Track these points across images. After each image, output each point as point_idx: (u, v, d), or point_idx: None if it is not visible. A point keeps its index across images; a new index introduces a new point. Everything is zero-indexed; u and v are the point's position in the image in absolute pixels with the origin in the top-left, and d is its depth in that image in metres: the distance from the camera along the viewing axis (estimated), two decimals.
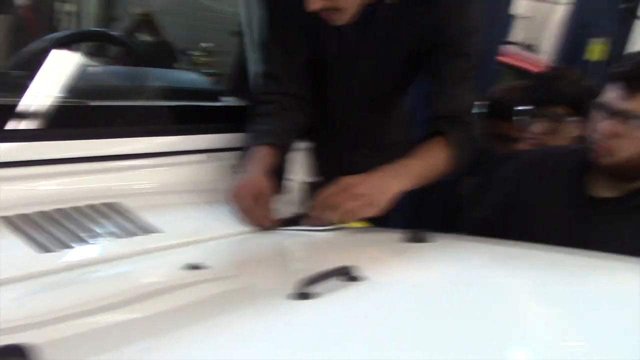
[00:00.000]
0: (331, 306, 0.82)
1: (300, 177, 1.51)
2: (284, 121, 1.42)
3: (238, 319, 0.77)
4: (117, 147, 1.27)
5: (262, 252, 1.17)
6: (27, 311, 0.82)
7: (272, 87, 1.45)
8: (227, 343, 0.71)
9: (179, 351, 0.69)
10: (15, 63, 1.37)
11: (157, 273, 1.00)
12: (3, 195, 1.07)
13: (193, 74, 1.61)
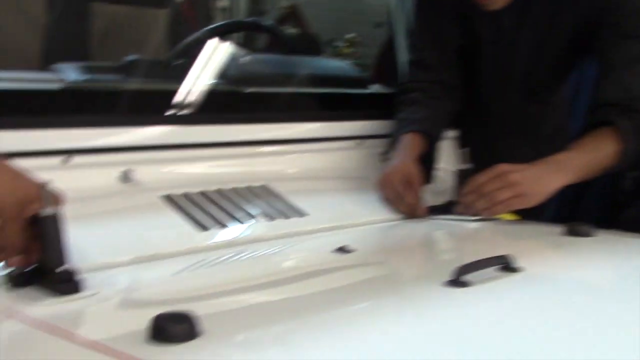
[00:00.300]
0: (489, 295, 0.78)
1: (449, 166, 1.47)
2: (433, 109, 1.39)
3: (392, 304, 0.76)
4: (268, 133, 1.30)
5: (411, 239, 1.16)
6: (188, 284, 0.86)
7: (421, 74, 1.43)
8: (381, 328, 0.70)
9: (331, 334, 0.69)
10: (175, 53, 1.44)
11: (309, 255, 1.01)
12: (166, 176, 1.14)
13: (341, 62, 1.61)
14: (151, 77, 1.25)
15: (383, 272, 0.97)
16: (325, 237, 1.11)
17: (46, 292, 0.76)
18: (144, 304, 0.78)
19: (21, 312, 0.71)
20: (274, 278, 0.86)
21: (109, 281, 0.83)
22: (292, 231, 1.11)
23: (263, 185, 1.21)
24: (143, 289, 0.83)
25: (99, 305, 0.75)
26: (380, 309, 0.76)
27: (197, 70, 1.31)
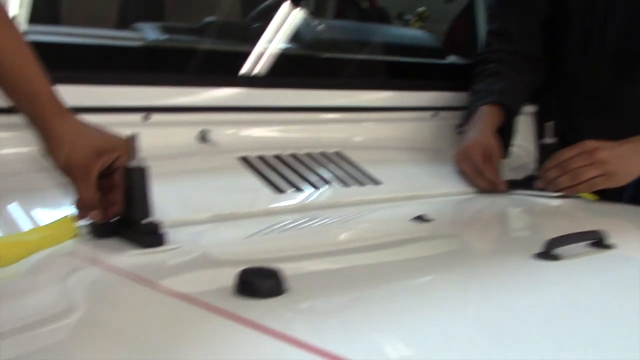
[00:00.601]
0: (582, 270, 0.74)
1: (525, 142, 1.43)
2: (513, 81, 1.33)
3: (480, 274, 0.73)
4: (343, 99, 1.28)
5: (490, 212, 1.12)
6: (269, 245, 0.85)
7: (502, 45, 1.38)
8: (468, 298, 0.67)
9: (416, 303, 0.66)
10: (252, 16, 1.43)
11: (388, 223, 0.99)
12: (242, 138, 1.13)
13: (418, 31, 1.58)
14: (228, 39, 1.24)
15: (466, 243, 0.93)
16: (401, 206, 1.09)
17: (129, 244, 0.76)
18: (227, 260, 0.77)
19: (107, 261, 0.71)
20: (355, 244, 0.85)
21: (189, 237, 0.83)
22: (367, 199, 1.09)
23: (337, 152, 1.19)
24: (225, 246, 0.82)
25: (183, 259, 0.75)
26: (467, 279, 0.73)
27: (275, 34, 1.30)
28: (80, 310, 0.63)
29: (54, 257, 0.75)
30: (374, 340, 0.53)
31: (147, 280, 0.65)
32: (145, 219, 0.75)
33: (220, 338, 0.54)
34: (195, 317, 0.57)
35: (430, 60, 1.47)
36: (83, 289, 0.68)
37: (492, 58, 1.38)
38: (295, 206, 1.01)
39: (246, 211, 0.95)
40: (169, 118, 1.07)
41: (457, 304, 0.64)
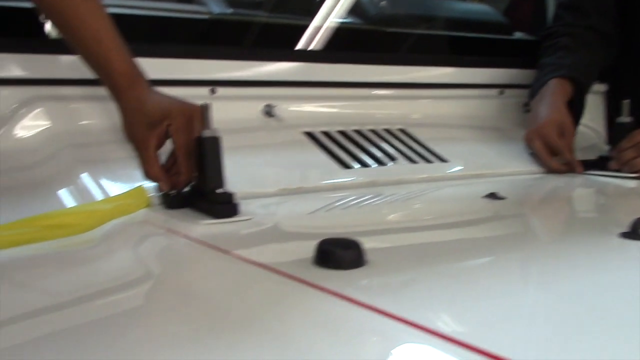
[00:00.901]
0: None
1: (593, 122, 1.38)
2: (585, 56, 1.28)
3: (565, 252, 0.70)
4: (407, 75, 1.26)
5: (564, 192, 1.08)
6: (342, 218, 0.84)
7: (574, 19, 1.32)
8: (556, 273, 0.65)
9: (499, 281, 0.64)
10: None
11: (461, 199, 0.97)
12: (306, 113, 1.12)
13: (484, 6, 1.53)
14: (293, 13, 1.22)
15: (545, 221, 0.90)
16: (469, 184, 1.06)
17: (202, 214, 0.76)
18: (301, 232, 0.76)
19: (182, 229, 0.71)
20: (429, 220, 0.83)
21: (259, 209, 0.82)
22: (434, 176, 1.07)
23: (401, 129, 1.17)
24: (296, 219, 0.81)
25: (257, 229, 0.74)
26: (552, 256, 0.70)
27: (340, 8, 1.27)
28: (158, 276, 0.63)
29: (129, 225, 0.75)
30: (461, 314, 0.52)
31: (224, 249, 0.65)
32: (219, 189, 0.75)
33: (306, 307, 0.52)
34: (278, 286, 0.56)
35: (496, 36, 1.42)
36: (160, 255, 0.68)
37: (562, 32, 1.32)
38: (362, 182, 0.99)
39: (313, 185, 0.94)
40: (234, 92, 1.06)
41: (545, 280, 0.62)
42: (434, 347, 0.44)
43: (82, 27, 0.80)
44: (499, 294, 0.57)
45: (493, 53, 1.37)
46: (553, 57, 1.28)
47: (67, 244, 0.70)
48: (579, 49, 1.28)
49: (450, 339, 0.44)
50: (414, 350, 0.45)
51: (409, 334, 0.46)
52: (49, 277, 0.64)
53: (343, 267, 0.59)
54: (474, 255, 0.68)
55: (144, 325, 0.53)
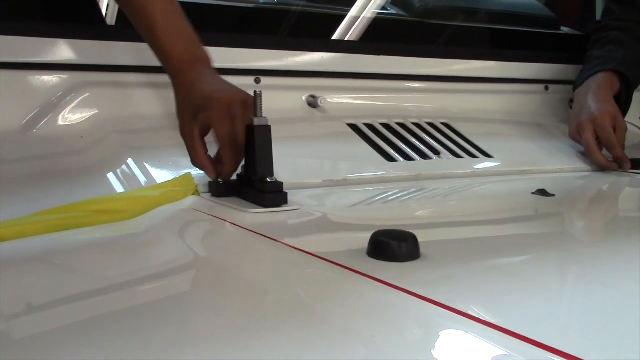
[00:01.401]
0: None
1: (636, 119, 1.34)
2: (636, 51, 1.24)
3: (624, 249, 0.68)
4: (451, 68, 1.24)
5: (614, 190, 1.06)
6: (392, 210, 0.83)
7: (626, 13, 1.28)
8: (619, 269, 0.63)
9: (558, 277, 0.62)
10: None
11: (508, 195, 0.95)
12: (350, 105, 1.11)
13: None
14: (339, 4, 1.21)
15: (596, 219, 0.88)
16: (515, 180, 1.04)
17: (249, 202, 0.75)
18: (351, 223, 0.75)
19: (231, 217, 0.70)
20: (479, 215, 0.81)
21: (306, 200, 0.80)
22: (478, 171, 1.05)
23: (445, 123, 1.15)
24: (345, 211, 0.80)
25: (306, 219, 0.73)
26: (602, 253, 0.68)
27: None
28: (208, 263, 0.62)
29: (176, 212, 0.74)
30: (514, 307, 0.50)
31: (275, 238, 0.64)
32: (269, 178, 0.74)
33: (362, 298, 0.51)
34: (333, 275, 0.55)
35: (543, 30, 1.39)
36: (209, 242, 0.68)
37: (612, 26, 1.28)
38: (406, 175, 0.97)
39: (358, 177, 0.93)
40: (278, 82, 1.06)
41: (594, 277, 0.60)
42: (487, 339, 0.43)
43: (142, 11, 0.80)
44: (552, 288, 0.56)
45: (539, 47, 1.34)
46: (602, 50, 1.25)
47: (114, 229, 0.70)
48: (630, 43, 1.24)
49: (503, 330, 0.43)
50: (468, 341, 0.44)
51: (464, 325, 0.45)
52: (98, 262, 0.64)
53: (398, 259, 0.57)
54: (527, 251, 0.67)
55: (195, 312, 0.52)
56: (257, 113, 0.74)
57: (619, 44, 1.24)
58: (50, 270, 0.63)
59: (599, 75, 1.20)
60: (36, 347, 0.46)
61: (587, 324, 0.47)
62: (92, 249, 0.67)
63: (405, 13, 1.25)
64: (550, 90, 1.31)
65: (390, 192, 0.89)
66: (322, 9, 1.17)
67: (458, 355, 0.43)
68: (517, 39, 1.34)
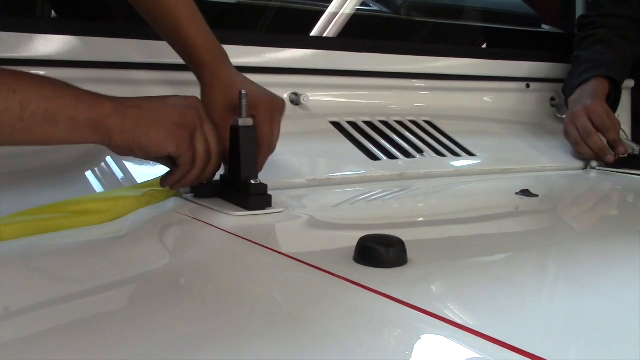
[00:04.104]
0: None
1: (622, 116, 1.35)
2: (624, 51, 1.25)
3: (612, 251, 0.68)
4: (434, 65, 1.23)
5: (598, 190, 1.06)
6: (373, 212, 0.82)
7: (616, 8, 1.28)
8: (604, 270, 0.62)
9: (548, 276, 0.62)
10: None
11: (494, 195, 0.95)
12: (333, 102, 1.10)
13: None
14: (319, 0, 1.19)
15: (582, 220, 0.88)
16: (498, 179, 1.04)
17: (232, 204, 0.74)
18: (336, 225, 0.74)
19: (214, 221, 0.69)
20: (464, 214, 0.81)
21: (290, 201, 0.79)
22: (462, 170, 1.05)
23: (428, 121, 1.14)
24: (329, 212, 0.79)
25: (292, 222, 0.72)
26: (594, 256, 0.67)
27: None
28: (190, 268, 0.61)
29: (157, 214, 0.73)
30: (505, 315, 0.50)
31: (259, 242, 0.63)
32: (253, 180, 0.72)
33: (349, 306, 0.50)
34: (318, 282, 0.54)
35: (523, 28, 1.39)
36: (191, 247, 0.66)
37: (601, 23, 1.28)
38: (390, 174, 0.97)
39: (342, 177, 0.92)
40: (260, 79, 1.03)
41: (588, 282, 0.59)
42: (477, 349, 0.43)
43: (162, 6, 0.79)
44: (540, 294, 0.56)
45: (520, 45, 1.35)
46: (591, 52, 1.25)
47: (94, 233, 0.68)
48: (617, 43, 1.24)
49: (492, 339, 0.43)
50: (458, 351, 0.44)
51: (453, 334, 0.44)
52: (77, 267, 0.62)
53: (386, 265, 0.57)
54: (514, 255, 0.67)
55: (174, 318, 0.51)
56: (242, 114, 0.73)
57: (607, 45, 1.25)
58: (28, 275, 0.61)
59: (590, 84, 1.20)
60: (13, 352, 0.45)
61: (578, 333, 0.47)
62: (72, 252, 0.66)
63: (387, 10, 1.24)
64: (531, 88, 1.31)
65: (375, 192, 0.89)
66: (304, 5, 1.16)
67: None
68: (498, 36, 1.34)
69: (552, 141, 1.22)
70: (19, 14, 0.92)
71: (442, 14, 1.30)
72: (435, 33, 1.28)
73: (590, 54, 1.25)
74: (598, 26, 1.28)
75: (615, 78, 1.21)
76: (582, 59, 1.25)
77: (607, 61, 1.22)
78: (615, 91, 1.23)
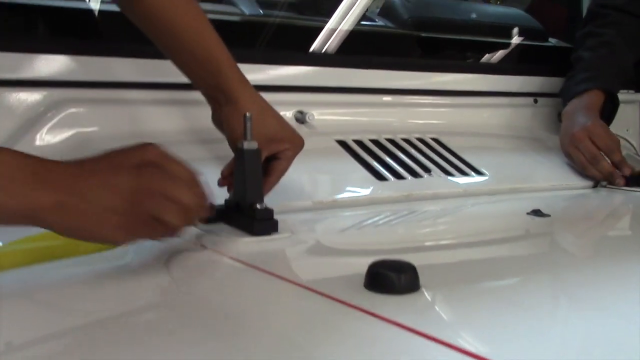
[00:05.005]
0: None
1: (632, 133, 1.33)
2: (627, 60, 1.23)
3: (624, 273, 0.66)
4: (440, 82, 1.21)
5: (611, 208, 1.04)
6: (382, 236, 0.80)
7: (631, 3, 1.25)
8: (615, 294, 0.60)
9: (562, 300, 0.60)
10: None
11: (505, 216, 0.92)
12: (337, 120, 1.08)
13: (518, 10, 1.48)
14: (323, 16, 1.18)
15: (596, 240, 0.87)
16: (508, 199, 1.01)
17: (238, 229, 0.72)
18: (345, 250, 0.72)
19: (222, 247, 0.67)
20: (477, 237, 0.79)
21: (297, 225, 0.77)
22: (471, 190, 1.02)
23: (435, 138, 1.13)
24: (337, 236, 0.78)
25: (300, 248, 0.70)
26: (610, 277, 0.66)
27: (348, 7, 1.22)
28: (196, 297, 0.59)
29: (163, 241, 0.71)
30: (524, 344, 0.48)
31: (266, 269, 0.61)
32: (259, 204, 0.70)
33: (360, 336, 0.48)
34: (328, 310, 0.52)
35: (530, 42, 1.37)
36: (197, 274, 0.64)
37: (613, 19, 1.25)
38: (398, 195, 0.95)
39: (349, 199, 0.90)
40: (264, 97, 1.02)
41: (608, 303, 0.57)
42: None
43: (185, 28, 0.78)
44: (561, 321, 0.54)
45: (527, 60, 1.33)
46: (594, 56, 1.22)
47: (97, 260, 0.66)
48: (622, 50, 1.22)
49: None
50: None
51: None
52: (79, 296, 0.60)
53: (397, 291, 0.55)
54: (531, 278, 0.64)
55: (182, 351, 0.49)
56: (247, 136, 0.71)
57: (612, 50, 1.22)
58: (31, 307, 0.59)
59: (585, 97, 1.18)
60: None
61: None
62: (76, 283, 0.63)
63: (393, 25, 1.23)
64: (539, 103, 1.29)
65: (383, 215, 0.87)
66: (309, 21, 1.14)
67: None
68: (505, 51, 1.32)
69: (560, 157, 1.20)
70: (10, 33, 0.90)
71: (447, 29, 1.29)
72: (441, 48, 1.26)
73: (593, 60, 1.22)
74: (608, 23, 1.25)
75: (613, 92, 1.19)
76: (584, 64, 1.23)
77: (608, 73, 1.20)
78: (612, 102, 1.21)
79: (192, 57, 0.79)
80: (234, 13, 1.10)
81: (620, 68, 1.22)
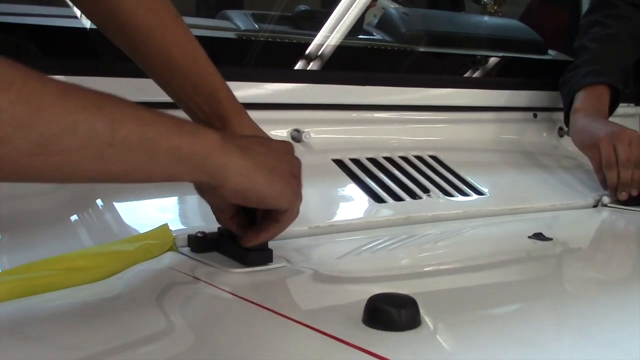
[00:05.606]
0: None
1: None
2: (630, 57, 1.21)
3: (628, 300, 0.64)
4: (437, 96, 1.19)
5: (617, 230, 1.01)
6: (381, 263, 0.77)
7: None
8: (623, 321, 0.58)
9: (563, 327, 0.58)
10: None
11: (506, 239, 0.90)
12: (333, 139, 1.06)
13: (515, 22, 1.46)
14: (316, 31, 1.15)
15: (603, 263, 0.85)
16: (511, 221, 0.99)
17: (231, 259, 0.70)
18: (342, 280, 0.70)
19: (214, 279, 0.65)
20: (482, 265, 0.76)
21: (293, 253, 0.75)
22: (471, 211, 0.99)
23: (434, 156, 1.10)
24: (334, 264, 0.75)
25: (295, 278, 0.68)
26: (617, 304, 0.64)
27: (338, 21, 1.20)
28: (189, 334, 0.56)
29: (153, 272, 0.68)
30: None
31: (260, 303, 0.58)
32: None
33: None
34: (325, 348, 0.50)
35: (529, 55, 1.35)
36: (189, 309, 0.62)
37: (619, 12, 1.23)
38: (396, 218, 0.92)
39: (346, 223, 0.87)
40: (259, 115, 0.99)
41: (618, 337, 0.56)
42: None
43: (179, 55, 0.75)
44: (569, 357, 0.52)
45: (527, 74, 1.31)
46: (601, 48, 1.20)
47: (87, 293, 0.64)
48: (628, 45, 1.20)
49: None
50: None
51: None
52: (65, 332, 0.58)
53: (398, 328, 0.52)
54: (537, 310, 0.63)
55: None
56: None
57: (617, 45, 1.20)
58: (19, 343, 0.57)
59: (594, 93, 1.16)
60: None
61: None
62: (64, 317, 0.61)
63: (390, 40, 1.21)
64: (538, 118, 1.27)
65: (381, 241, 0.84)
66: (305, 36, 1.12)
67: None
68: (504, 65, 1.30)
69: (560, 174, 1.18)
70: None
71: (446, 42, 1.27)
72: (439, 63, 1.24)
73: (599, 52, 1.20)
74: (617, 15, 1.23)
75: (618, 88, 1.17)
76: (589, 56, 1.20)
77: (614, 68, 1.18)
78: (615, 96, 1.19)
79: (187, 83, 0.76)
80: (229, 29, 1.08)
81: (624, 64, 1.20)
